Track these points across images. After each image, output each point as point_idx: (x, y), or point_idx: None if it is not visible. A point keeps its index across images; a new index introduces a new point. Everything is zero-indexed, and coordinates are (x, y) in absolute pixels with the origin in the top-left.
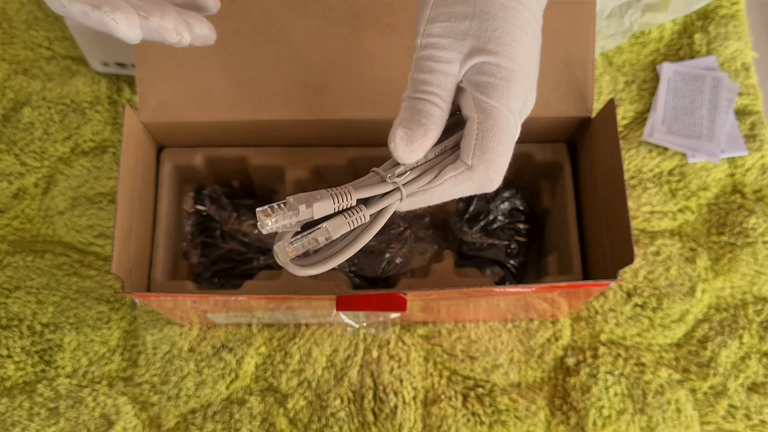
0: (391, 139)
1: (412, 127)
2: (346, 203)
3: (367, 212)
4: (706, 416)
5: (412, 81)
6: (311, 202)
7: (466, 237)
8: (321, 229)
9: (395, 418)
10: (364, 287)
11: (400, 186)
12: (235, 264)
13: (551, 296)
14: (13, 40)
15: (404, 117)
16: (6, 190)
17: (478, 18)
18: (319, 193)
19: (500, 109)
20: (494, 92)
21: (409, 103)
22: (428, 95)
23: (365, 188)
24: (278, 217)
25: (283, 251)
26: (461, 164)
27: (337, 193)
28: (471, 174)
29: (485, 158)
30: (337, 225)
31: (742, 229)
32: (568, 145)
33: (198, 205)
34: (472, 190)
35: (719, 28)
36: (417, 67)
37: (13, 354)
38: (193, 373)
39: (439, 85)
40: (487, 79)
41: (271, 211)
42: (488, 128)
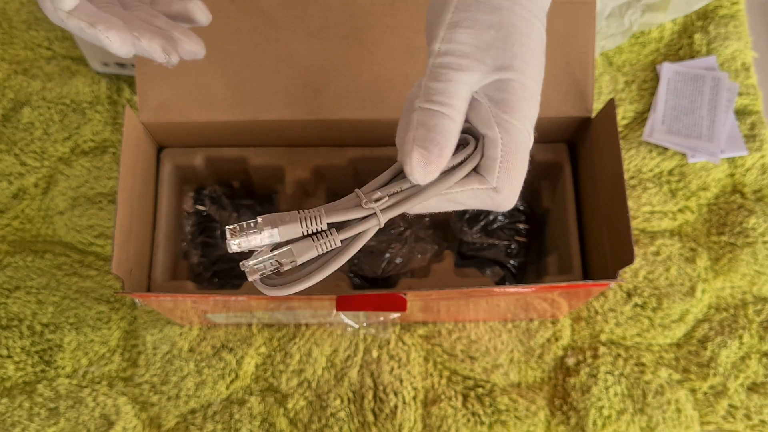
0: (406, 162)
1: (428, 147)
2: (316, 227)
3: (338, 237)
4: (706, 416)
5: (426, 89)
6: (277, 224)
7: (466, 237)
8: (285, 251)
9: (395, 418)
10: (364, 287)
11: (377, 211)
12: (235, 264)
13: (551, 296)
14: (13, 40)
15: (419, 135)
16: (6, 190)
17: (504, 30)
18: (289, 215)
19: (521, 130)
20: (517, 112)
21: (423, 116)
22: (444, 107)
23: (339, 212)
24: (242, 239)
25: (250, 270)
26: (485, 182)
27: (306, 217)
28: (494, 194)
29: (510, 182)
30: (303, 248)
31: (742, 229)
32: (568, 145)
33: (198, 205)
34: (487, 207)
35: (719, 28)
36: (433, 74)
37: (13, 354)
38: (193, 373)
39: (456, 95)
40: (510, 97)
41: (238, 230)
42: (512, 151)
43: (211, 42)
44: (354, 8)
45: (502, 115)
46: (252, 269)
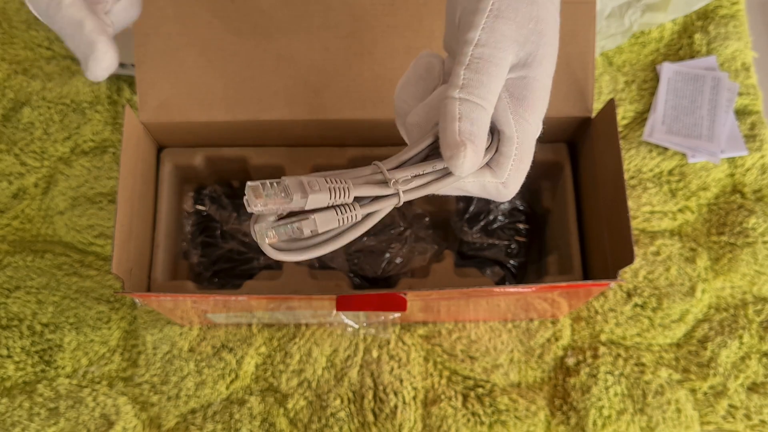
0: (457, 155)
1: (476, 141)
2: (342, 200)
3: (360, 212)
4: (706, 416)
5: (466, 80)
6: (307, 193)
7: (466, 237)
8: (309, 221)
9: (395, 418)
10: (364, 287)
11: (400, 192)
12: (235, 264)
13: (551, 296)
14: (13, 40)
15: (464, 128)
16: (6, 190)
17: (540, 24)
18: (317, 183)
19: (534, 130)
20: (535, 110)
21: (466, 108)
22: (486, 101)
23: (365, 187)
24: (269, 201)
25: (263, 235)
26: (496, 176)
27: (336, 188)
28: (502, 188)
29: (519, 178)
30: (327, 220)
31: (742, 229)
32: (569, 145)
33: (198, 205)
34: (491, 197)
35: (719, 28)
36: (475, 66)
37: (13, 354)
38: (193, 373)
39: (495, 91)
40: (530, 95)
41: (263, 191)
42: (526, 150)
43: (211, 42)
44: (354, 8)
45: (521, 112)
46: (273, 235)
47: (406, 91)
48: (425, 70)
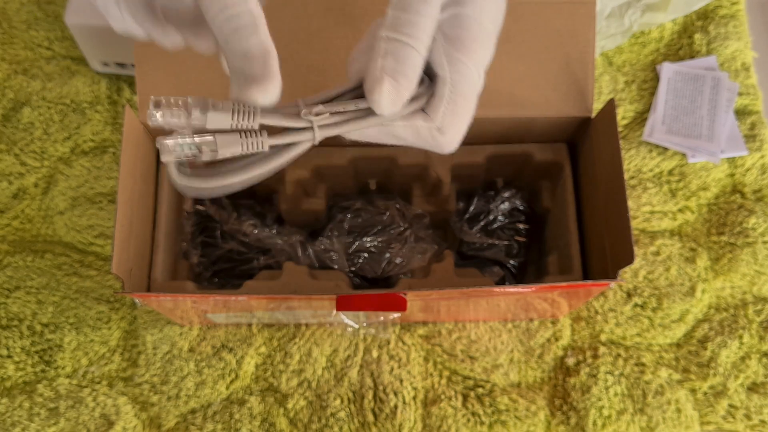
0: (374, 89)
1: (399, 80)
2: (247, 123)
3: (267, 141)
4: (706, 416)
5: (394, 18)
6: (207, 108)
7: (466, 237)
8: (208, 140)
9: (395, 418)
10: (364, 287)
11: (315, 126)
12: (235, 264)
13: (551, 296)
14: (13, 40)
15: (388, 65)
16: (6, 190)
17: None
18: (222, 103)
19: (472, 71)
20: (471, 52)
21: (393, 46)
22: (414, 39)
23: (274, 116)
24: (167, 112)
25: (166, 150)
26: (429, 120)
27: (240, 110)
28: (437, 134)
29: (456, 124)
30: (228, 141)
31: (742, 229)
32: (568, 145)
33: (198, 205)
34: (429, 146)
35: (719, 28)
36: (401, 4)
37: (13, 354)
38: (193, 373)
39: (425, 29)
40: (465, 34)
41: (164, 103)
42: (460, 92)
43: None
44: (354, 8)
45: (454, 53)
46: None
47: (356, 49)
48: (375, 27)
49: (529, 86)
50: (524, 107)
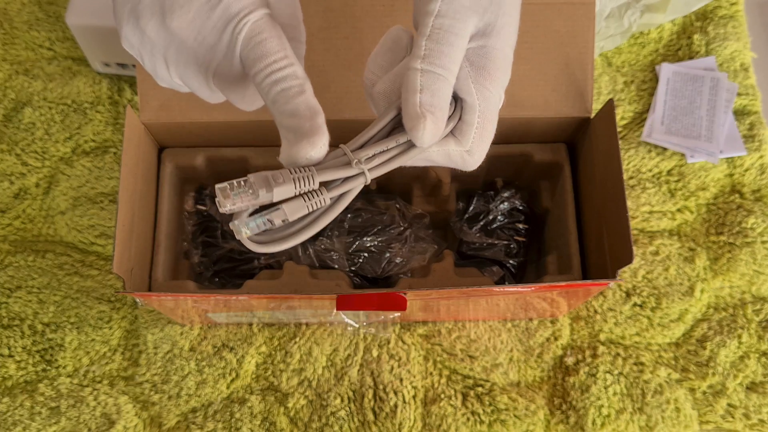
0: (417, 127)
1: (436, 113)
2: (308, 187)
3: (328, 195)
4: (705, 415)
5: (428, 50)
6: (272, 186)
7: (466, 237)
8: (278, 212)
9: (395, 417)
10: (364, 287)
11: (365, 171)
12: (235, 263)
13: (550, 296)
14: (15, 40)
15: (425, 100)
16: (7, 190)
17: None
18: (281, 175)
19: (496, 99)
20: (496, 80)
21: (428, 79)
22: (447, 71)
23: (329, 170)
24: (237, 200)
25: (239, 231)
26: (460, 144)
27: (299, 178)
28: (467, 156)
29: (483, 146)
30: (295, 208)
31: (741, 229)
32: (568, 146)
33: (199, 204)
34: (456, 166)
35: (718, 29)
36: (435, 36)
37: (14, 353)
38: (193, 373)
39: (456, 61)
40: (491, 65)
41: (230, 191)
42: (488, 118)
43: None
44: (355, 9)
45: (482, 81)
46: (242, 229)
47: (374, 63)
48: (393, 42)
49: (529, 87)
50: (524, 108)
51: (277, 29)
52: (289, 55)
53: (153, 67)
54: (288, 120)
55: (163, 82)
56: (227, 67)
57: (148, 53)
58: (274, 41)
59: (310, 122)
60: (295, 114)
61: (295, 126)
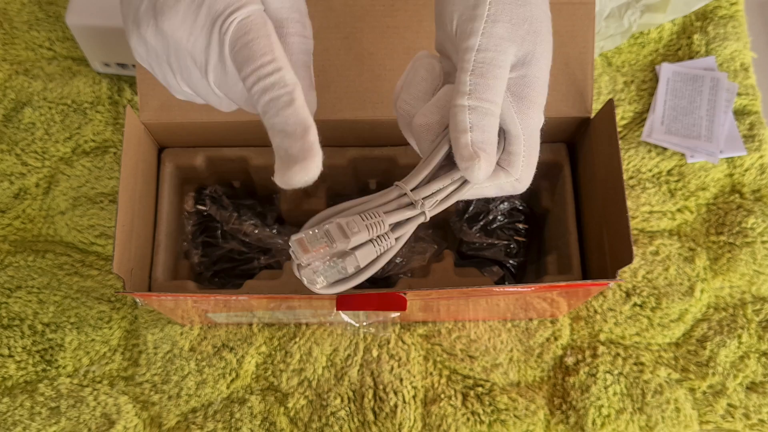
0: (472, 167)
1: (488, 150)
2: (379, 232)
3: (393, 237)
4: (705, 415)
5: (472, 85)
6: (349, 237)
7: (465, 237)
8: (351, 258)
9: (395, 417)
10: (364, 287)
11: (426, 211)
12: (235, 264)
13: (550, 296)
14: (15, 40)
15: (477, 139)
16: (7, 190)
17: (534, 24)
18: (355, 224)
19: (537, 125)
20: (536, 108)
21: (477, 117)
22: (493, 104)
23: (396, 213)
24: (314, 252)
25: (314, 281)
26: (509, 175)
27: (372, 224)
28: (517, 184)
29: (530, 172)
30: (366, 254)
31: (741, 229)
32: (568, 146)
33: (199, 205)
34: (506, 193)
35: (718, 29)
36: (479, 70)
37: (14, 353)
38: (193, 373)
39: (500, 93)
40: (532, 93)
41: (308, 243)
42: (532, 144)
43: None
44: (355, 8)
45: (525, 110)
46: (323, 279)
47: (409, 93)
48: (427, 71)
49: None
50: None
51: (267, 27)
52: (278, 57)
53: (164, 78)
54: (278, 137)
55: (178, 94)
56: (222, 69)
57: (156, 63)
58: (262, 42)
59: (301, 142)
60: (284, 130)
61: (285, 146)
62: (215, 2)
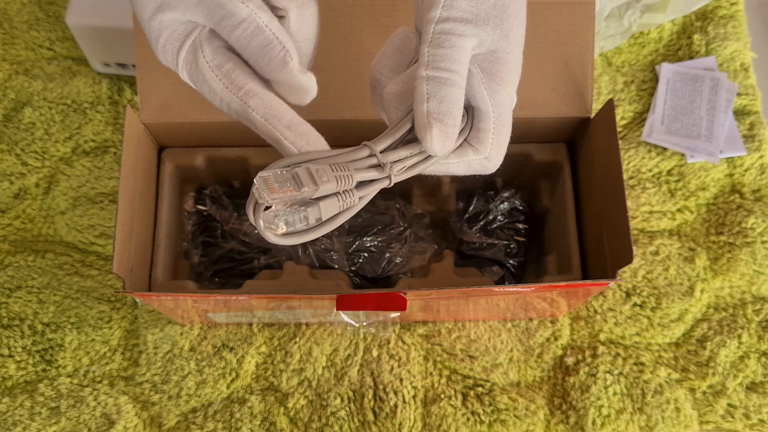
0: (425, 137)
1: (444, 120)
2: (346, 186)
3: (357, 195)
4: (705, 415)
5: (431, 56)
6: (318, 183)
7: (465, 237)
8: (314, 209)
9: (395, 417)
10: (364, 287)
11: (392, 176)
12: (235, 263)
13: (550, 296)
14: (15, 40)
15: (432, 108)
16: (7, 190)
17: (500, 3)
18: (325, 173)
19: (509, 102)
20: (507, 85)
21: (433, 86)
22: (451, 74)
23: (363, 172)
24: (280, 193)
25: (274, 225)
26: (478, 152)
27: (341, 177)
28: (486, 162)
29: (500, 150)
30: (330, 206)
31: (741, 229)
32: (568, 146)
33: (199, 204)
34: (476, 172)
35: (718, 29)
36: (436, 41)
37: (14, 353)
38: (193, 373)
39: (461, 61)
40: (503, 69)
41: (274, 182)
42: (503, 122)
43: None
44: (355, 8)
45: (494, 86)
46: (282, 225)
47: (383, 63)
48: (401, 43)
49: (529, 86)
50: (523, 107)
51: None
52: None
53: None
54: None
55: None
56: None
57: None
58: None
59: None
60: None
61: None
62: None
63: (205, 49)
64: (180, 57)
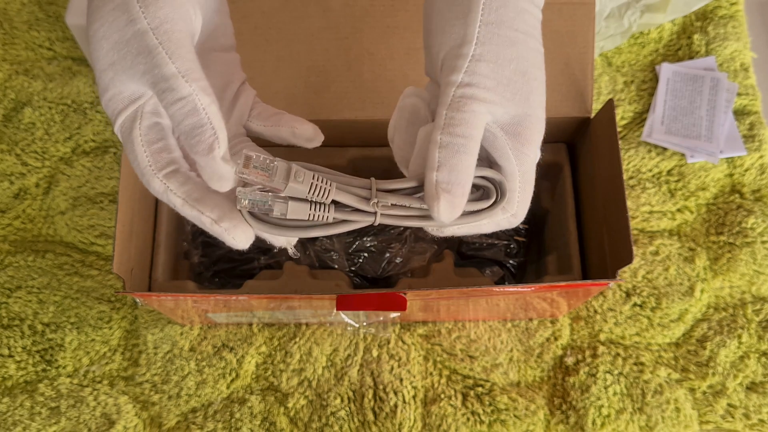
0: (432, 205)
1: (453, 191)
2: (319, 199)
3: (332, 215)
4: (705, 415)
5: (447, 119)
6: (289, 180)
7: (465, 237)
8: (281, 204)
9: (395, 417)
10: (364, 287)
11: (378, 213)
12: (235, 264)
13: (550, 296)
14: (15, 40)
15: (442, 177)
16: (7, 190)
17: (522, 64)
18: (303, 175)
19: (533, 159)
20: (532, 145)
21: (445, 154)
22: (466, 139)
23: (346, 194)
24: (253, 172)
25: (240, 199)
26: (506, 211)
27: (317, 186)
28: (512, 219)
29: (525, 206)
30: (298, 210)
31: (741, 229)
32: (568, 146)
33: None
34: (503, 227)
35: (718, 29)
36: (456, 104)
37: (14, 353)
38: (193, 373)
39: (476, 126)
40: (526, 131)
41: (252, 162)
42: (528, 180)
43: None
44: (354, 9)
45: (519, 147)
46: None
47: (399, 138)
48: (411, 114)
49: None
50: None
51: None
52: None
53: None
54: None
55: None
56: None
57: None
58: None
59: None
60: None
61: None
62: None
63: (143, 122)
64: (119, 119)
